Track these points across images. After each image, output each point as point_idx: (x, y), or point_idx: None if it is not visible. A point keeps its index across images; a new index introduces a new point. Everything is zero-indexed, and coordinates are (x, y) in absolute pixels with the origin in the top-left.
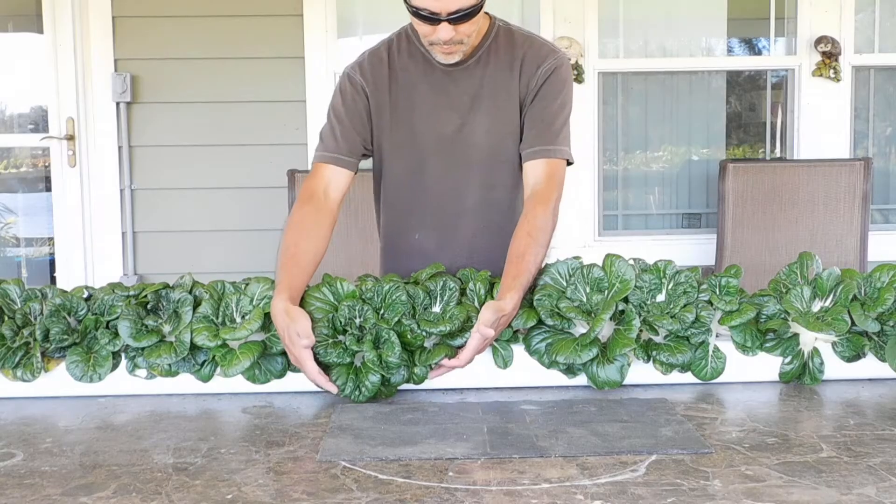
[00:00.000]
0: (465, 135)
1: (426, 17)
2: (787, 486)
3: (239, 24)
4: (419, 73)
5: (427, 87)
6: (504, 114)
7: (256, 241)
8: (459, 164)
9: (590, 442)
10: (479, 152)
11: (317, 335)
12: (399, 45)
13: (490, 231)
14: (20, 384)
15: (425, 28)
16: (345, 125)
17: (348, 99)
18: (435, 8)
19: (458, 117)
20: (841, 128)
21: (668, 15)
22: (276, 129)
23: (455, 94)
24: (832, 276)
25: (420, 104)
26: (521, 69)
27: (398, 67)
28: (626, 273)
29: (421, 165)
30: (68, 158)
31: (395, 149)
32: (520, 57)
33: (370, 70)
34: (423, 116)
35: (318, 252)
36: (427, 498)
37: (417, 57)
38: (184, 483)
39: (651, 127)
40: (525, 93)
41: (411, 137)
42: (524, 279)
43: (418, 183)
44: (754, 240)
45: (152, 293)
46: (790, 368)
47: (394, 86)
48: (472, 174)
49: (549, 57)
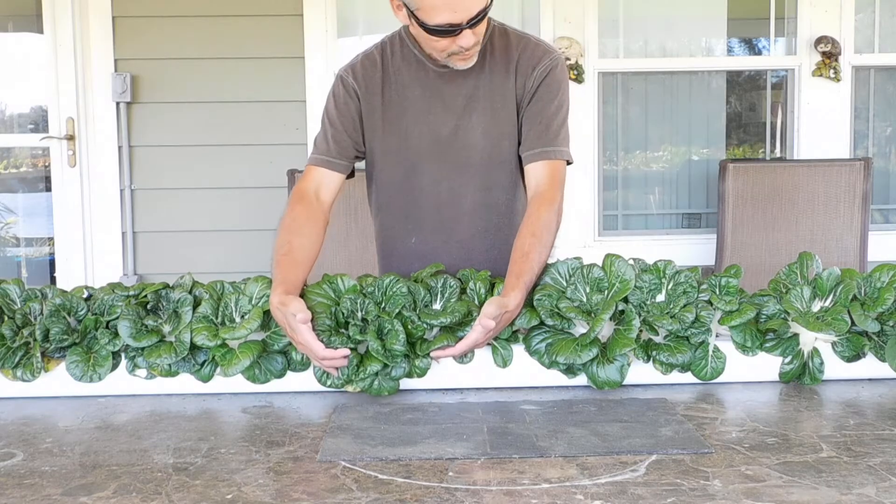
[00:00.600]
0: (461, 137)
1: (446, 31)
2: (787, 486)
3: (239, 24)
4: (412, 76)
5: (420, 90)
6: (500, 115)
7: (256, 241)
8: (455, 167)
9: (590, 442)
10: (475, 154)
11: (320, 326)
12: (392, 47)
13: (488, 233)
14: (20, 384)
15: (444, 42)
16: (336, 128)
17: (340, 102)
18: (455, 20)
19: (454, 119)
20: (841, 128)
21: (668, 15)
22: (276, 129)
23: (449, 95)
24: (832, 276)
25: (413, 106)
26: (516, 70)
27: (391, 70)
28: (626, 273)
29: (415, 168)
30: (68, 158)
31: (388, 152)
32: (515, 58)
33: (362, 73)
34: (416, 119)
35: (312, 249)
36: (427, 498)
37: (410, 59)
38: (184, 483)
39: (651, 127)
40: (521, 94)
41: (404, 140)
42: (528, 278)
43: (413, 186)
44: (754, 240)
45: (152, 293)
46: (790, 368)
47: (386, 88)
48: (468, 176)
49: (545, 58)
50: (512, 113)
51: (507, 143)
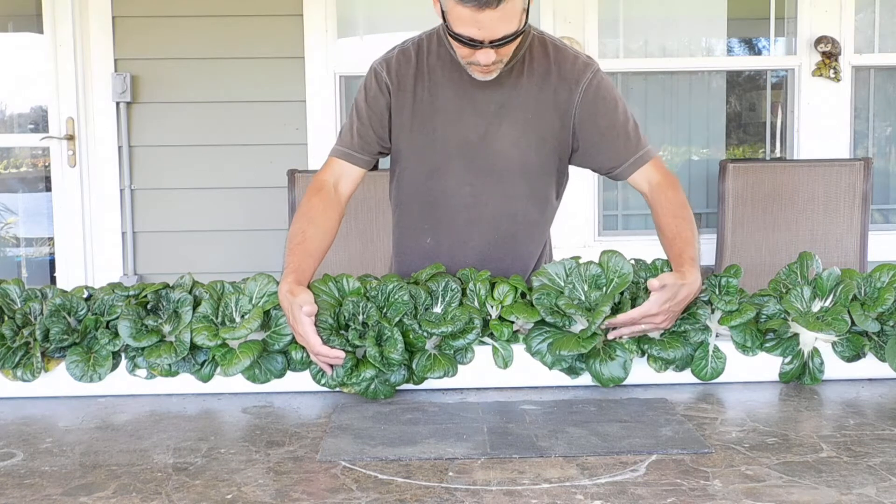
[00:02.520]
0: (489, 143)
1: (467, 42)
2: (787, 486)
3: (239, 24)
4: (446, 77)
5: (452, 92)
6: (532, 125)
7: (256, 241)
8: (480, 173)
9: (590, 442)
10: (501, 162)
11: (322, 323)
12: (429, 45)
13: (504, 243)
14: (20, 384)
15: (464, 50)
16: (363, 122)
17: (370, 96)
18: (478, 36)
19: (483, 125)
20: (841, 128)
21: (668, 15)
22: (276, 129)
23: (481, 100)
24: (832, 276)
25: (443, 108)
26: (554, 82)
27: (426, 68)
28: (624, 267)
29: (439, 170)
30: (68, 158)
31: (414, 150)
32: (554, 71)
33: (396, 68)
34: (445, 120)
35: (325, 240)
36: (427, 498)
37: (446, 59)
38: (184, 483)
39: (651, 127)
40: (566, 108)
41: (431, 141)
42: (690, 253)
43: (435, 187)
44: (754, 240)
45: (152, 293)
46: (790, 368)
47: (419, 86)
48: (492, 183)
49: (587, 71)
50: (545, 124)
51: (534, 154)
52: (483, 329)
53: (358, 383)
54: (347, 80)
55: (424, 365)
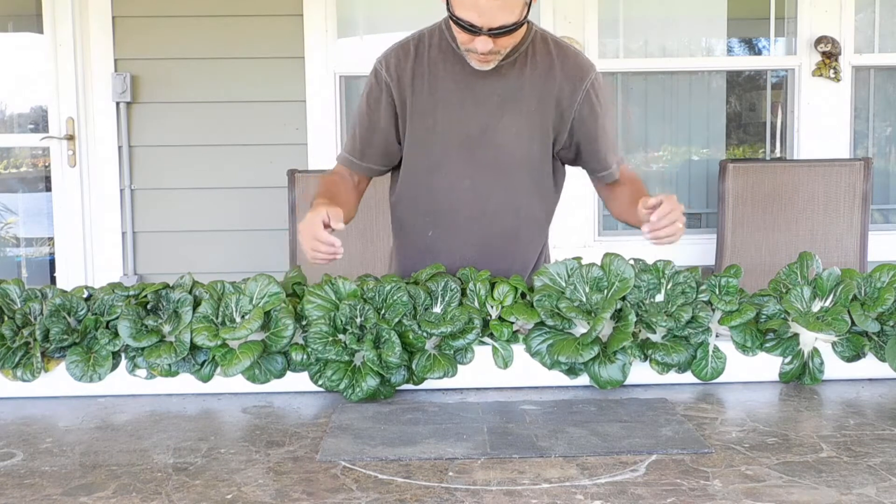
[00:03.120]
0: (490, 136)
1: (466, 27)
2: (787, 486)
3: (239, 24)
4: (447, 69)
5: (453, 84)
6: (534, 120)
7: (256, 241)
8: (482, 166)
9: (590, 442)
10: (503, 155)
11: (316, 332)
12: (431, 39)
13: (506, 237)
14: (20, 384)
15: (464, 36)
16: (363, 125)
17: (372, 98)
18: (477, 22)
19: (484, 117)
20: (841, 128)
21: (668, 15)
22: (276, 129)
23: (482, 93)
24: (832, 276)
25: (443, 100)
26: (557, 80)
27: (426, 61)
28: (626, 272)
29: (440, 164)
30: (68, 158)
31: (413, 144)
32: (557, 67)
33: (395, 63)
34: (446, 113)
35: (350, 203)
36: (427, 498)
37: (447, 52)
38: (184, 483)
39: (651, 127)
40: (566, 105)
41: (431, 134)
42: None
43: (435, 181)
44: (754, 240)
45: (152, 293)
46: (790, 368)
47: (417, 80)
48: (494, 177)
49: (590, 71)
50: (547, 118)
51: (537, 147)
52: (483, 329)
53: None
54: (347, 80)
55: (424, 365)
